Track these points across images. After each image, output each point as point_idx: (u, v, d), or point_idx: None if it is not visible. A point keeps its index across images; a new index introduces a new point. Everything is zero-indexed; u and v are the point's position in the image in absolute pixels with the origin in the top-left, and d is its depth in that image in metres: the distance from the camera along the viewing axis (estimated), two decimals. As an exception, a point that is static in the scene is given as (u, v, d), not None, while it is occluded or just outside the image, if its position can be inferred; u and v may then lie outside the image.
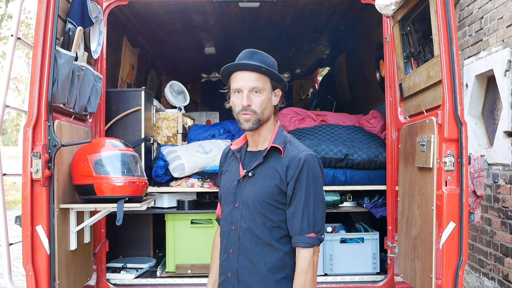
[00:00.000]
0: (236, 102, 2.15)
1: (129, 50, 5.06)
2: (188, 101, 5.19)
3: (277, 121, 2.25)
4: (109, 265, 3.82)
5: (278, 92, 2.19)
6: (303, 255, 2.08)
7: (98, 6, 3.36)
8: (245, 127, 2.14)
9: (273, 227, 2.13)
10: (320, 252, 3.70)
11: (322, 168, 2.19)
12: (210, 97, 7.94)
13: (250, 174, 2.17)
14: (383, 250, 3.74)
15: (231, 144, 2.34)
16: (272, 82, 2.15)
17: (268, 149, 2.16)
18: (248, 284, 2.14)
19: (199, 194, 4.11)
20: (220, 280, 2.26)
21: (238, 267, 2.15)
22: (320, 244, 2.13)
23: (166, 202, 3.93)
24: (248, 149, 2.26)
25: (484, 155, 3.94)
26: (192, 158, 3.88)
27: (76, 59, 2.95)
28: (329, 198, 3.81)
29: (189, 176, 3.90)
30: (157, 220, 4.25)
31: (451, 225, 2.64)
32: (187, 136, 4.55)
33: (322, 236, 2.12)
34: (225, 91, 2.26)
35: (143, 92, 3.85)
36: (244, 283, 2.14)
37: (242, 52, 2.21)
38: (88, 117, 3.43)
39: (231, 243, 2.18)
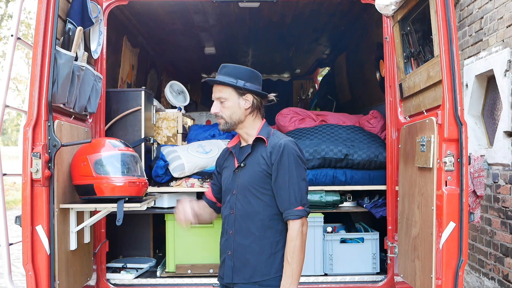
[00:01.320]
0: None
1: (129, 50, 5.06)
2: (188, 101, 5.19)
3: (262, 119, 2.62)
4: (109, 265, 3.82)
5: (248, 96, 2.53)
6: (292, 226, 2.41)
7: (98, 6, 3.36)
8: (220, 128, 2.60)
9: (266, 206, 2.46)
10: (320, 252, 3.72)
11: (302, 150, 2.54)
12: (210, 97, 7.88)
13: (242, 164, 2.54)
14: (383, 250, 3.73)
15: (228, 144, 2.73)
16: (237, 90, 2.51)
17: (254, 140, 2.54)
18: (245, 259, 2.47)
19: (199, 194, 4.11)
20: (221, 259, 2.59)
21: (237, 245, 2.49)
22: (308, 216, 2.46)
23: (166, 202, 3.92)
24: (241, 145, 2.64)
25: (484, 155, 3.94)
26: (192, 158, 3.88)
27: (76, 59, 2.94)
28: (329, 198, 3.81)
29: (189, 176, 3.90)
30: (157, 220, 4.25)
31: (451, 225, 2.64)
32: (187, 136, 4.55)
33: (308, 208, 2.46)
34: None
35: (143, 92, 3.85)
36: (242, 258, 2.48)
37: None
38: (88, 117, 3.43)
39: (230, 225, 2.53)
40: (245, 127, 2.57)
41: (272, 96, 2.60)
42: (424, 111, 3.10)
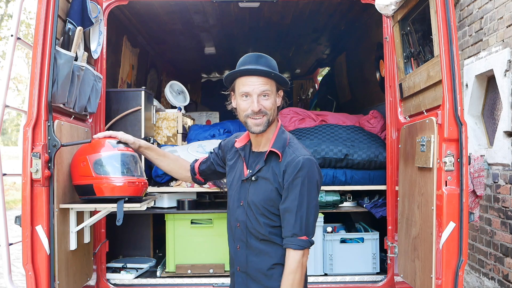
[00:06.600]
0: (244, 106, 2.20)
1: (129, 50, 5.05)
2: (188, 101, 5.19)
3: (278, 121, 2.32)
4: (109, 265, 3.82)
5: (281, 93, 2.28)
6: (293, 256, 2.15)
7: (98, 6, 3.36)
8: (255, 130, 2.21)
9: (276, 227, 2.23)
10: (320, 252, 3.73)
11: (320, 172, 2.25)
12: (210, 97, 7.93)
13: (253, 178, 2.26)
14: (383, 250, 3.73)
15: (236, 140, 2.42)
16: (277, 85, 2.24)
17: (267, 153, 2.25)
18: (256, 277, 2.26)
19: (199, 194, 4.11)
20: (231, 270, 2.41)
21: (247, 262, 2.28)
22: (311, 247, 2.20)
23: (166, 202, 3.93)
24: (252, 149, 2.34)
25: (484, 155, 3.94)
26: (192, 158, 3.87)
27: (76, 59, 2.94)
28: (329, 198, 3.81)
29: (189, 176, 3.90)
30: (157, 220, 4.25)
31: (451, 225, 2.64)
32: (187, 136, 4.55)
33: (313, 239, 2.20)
34: (227, 92, 2.32)
35: (143, 92, 3.85)
36: (252, 276, 2.27)
37: (247, 55, 2.26)
38: (88, 117, 3.43)
39: (238, 239, 2.32)
40: (269, 129, 2.25)
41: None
42: (424, 111, 3.10)
